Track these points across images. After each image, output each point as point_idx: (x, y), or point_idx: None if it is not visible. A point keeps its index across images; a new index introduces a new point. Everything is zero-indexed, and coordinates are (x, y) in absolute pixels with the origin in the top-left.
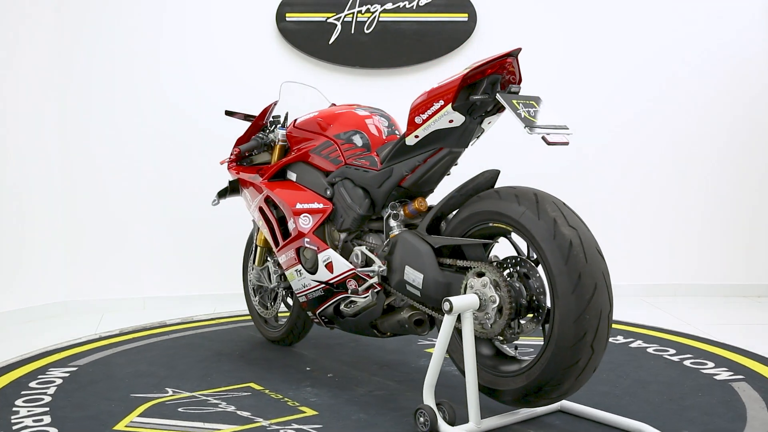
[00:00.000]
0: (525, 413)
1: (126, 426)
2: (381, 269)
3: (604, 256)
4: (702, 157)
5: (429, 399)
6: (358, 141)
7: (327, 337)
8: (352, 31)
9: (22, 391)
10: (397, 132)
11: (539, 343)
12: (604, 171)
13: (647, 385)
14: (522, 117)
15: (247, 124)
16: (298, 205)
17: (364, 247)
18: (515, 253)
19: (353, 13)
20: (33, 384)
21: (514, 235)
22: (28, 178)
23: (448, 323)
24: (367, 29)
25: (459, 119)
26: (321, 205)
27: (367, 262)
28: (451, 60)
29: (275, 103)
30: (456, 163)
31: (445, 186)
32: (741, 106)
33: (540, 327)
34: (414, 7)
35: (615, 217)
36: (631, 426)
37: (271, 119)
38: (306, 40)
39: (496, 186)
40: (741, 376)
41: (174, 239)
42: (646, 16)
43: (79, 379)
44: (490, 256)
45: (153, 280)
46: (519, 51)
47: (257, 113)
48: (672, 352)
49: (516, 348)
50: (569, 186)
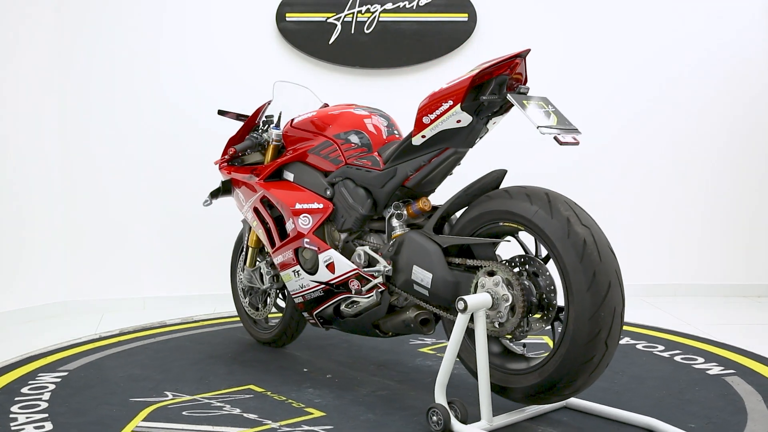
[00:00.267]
0: (533, 410)
1: (132, 431)
2: (387, 269)
3: (615, 254)
4: (702, 157)
5: (441, 398)
6: (359, 141)
7: (318, 337)
8: (352, 31)
9: (16, 398)
10: (396, 132)
11: (531, 341)
12: (604, 171)
13: (644, 380)
14: (533, 117)
15: (239, 124)
16: (298, 205)
17: (367, 247)
18: (520, 253)
19: (353, 13)
20: (25, 390)
21: (520, 234)
22: (28, 178)
23: (461, 322)
24: (367, 29)
25: (466, 119)
26: (321, 206)
27: (370, 262)
28: (451, 60)
29: (269, 102)
30: (459, 163)
31: (445, 186)
32: (741, 106)
33: (548, 325)
34: (414, 7)
35: (615, 217)
36: (638, 421)
37: (264, 119)
38: (306, 40)
39: (501, 186)
40: (732, 371)
41: (174, 239)
42: (646, 16)
43: (72, 384)
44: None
45: (153, 280)
46: (528, 52)
47: (251, 113)
48: (661, 348)
49: (524, 346)
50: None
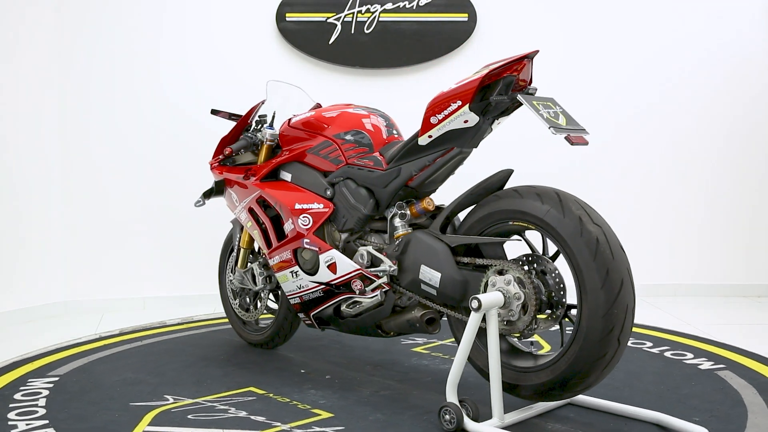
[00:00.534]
0: (540, 407)
1: None
2: (392, 269)
3: (625, 252)
4: (702, 157)
5: (452, 396)
6: (360, 141)
7: (309, 338)
8: (352, 31)
9: (10, 404)
10: (395, 132)
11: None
12: (604, 171)
13: (640, 376)
14: (545, 118)
15: (231, 123)
16: (297, 206)
17: (370, 247)
18: (525, 252)
19: (353, 13)
20: (18, 396)
21: (527, 233)
22: (27, 178)
23: (474, 321)
24: (367, 29)
25: (474, 119)
26: (321, 206)
27: (373, 262)
28: (451, 60)
29: (263, 102)
30: (462, 163)
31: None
32: (741, 106)
33: (557, 323)
34: (414, 7)
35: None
36: (645, 416)
37: (257, 118)
38: (306, 40)
39: (505, 186)
40: (722, 365)
41: (174, 239)
42: (645, 17)
43: (67, 389)
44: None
45: (153, 280)
46: (536, 53)
47: (243, 113)
48: (649, 345)
49: (532, 344)
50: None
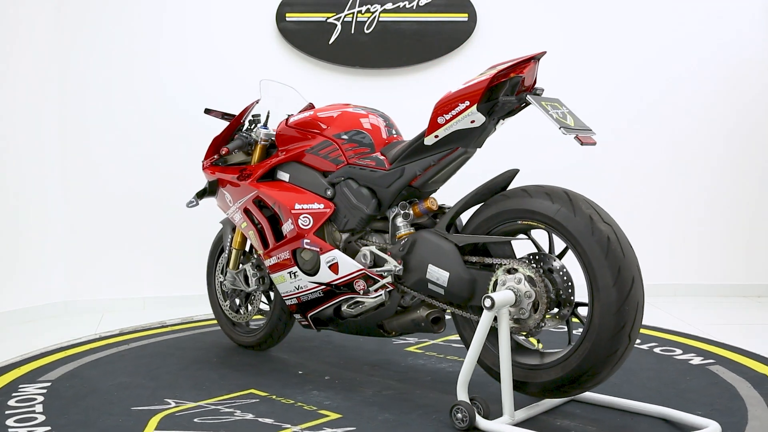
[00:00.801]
0: (547, 404)
1: None
2: (397, 269)
3: (634, 250)
4: (702, 158)
5: (463, 395)
6: (361, 141)
7: (298, 339)
8: (352, 31)
9: (6, 411)
10: (394, 132)
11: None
12: (604, 171)
13: (636, 372)
14: (555, 119)
15: (224, 123)
16: (297, 206)
17: (373, 247)
18: (524, 251)
19: (353, 13)
20: (12, 402)
21: (532, 233)
22: (27, 178)
23: (486, 320)
24: (367, 29)
25: (480, 120)
26: (322, 206)
27: (376, 262)
28: (451, 60)
29: (257, 101)
30: (464, 163)
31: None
32: (741, 106)
33: (564, 321)
34: (414, 7)
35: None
36: (651, 410)
37: (250, 118)
38: (306, 40)
39: (509, 186)
40: (712, 360)
41: (174, 239)
42: (645, 17)
43: (61, 395)
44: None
45: (153, 280)
46: (543, 54)
47: (237, 112)
48: (637, 342)
49: (538, 341)
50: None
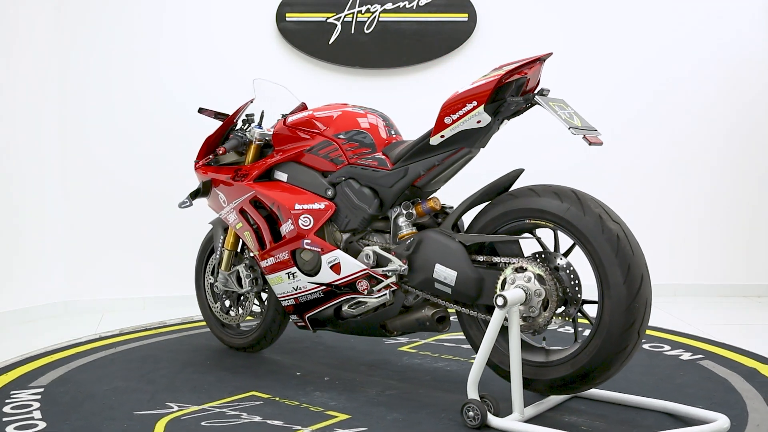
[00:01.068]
0: (553, 400)
1: None
2: (402, 268)
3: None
4: (702, 157)
5: (474, 393)
6: (362, 141)
7: (289, 341)
8: (352, 31)
9: (4, 418)
10: (394, 132)
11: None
12: (604, 171)
13: (630, 367)
14: (563, 119)
15: (217, 123)
16: (298, 206)
17: (377, 247)
18: (527, 250)
19: (353, 13)
20: (7, 409)
21: (537, 232)
22: (27, 178)
23: (498, 318)
24: (367, 29)
25: (486, 120)
26: (322, 206)
27: (379, 262)
28: (451, 60)
29: (251, 101)
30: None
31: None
32: (741, 105)
33: (571, 319)
34: (414, 7)
35: None
36: (654, 405)
37: (243, 117)
38: (306, 40)
39: (512, 186)
40: (701, 356)
41: (174, 239)
42: (645, 17)
43: (57, 400)
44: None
45: (153, 280)
46: (549, 56)
47: (232, 112)
48: None
49: (544, 339)
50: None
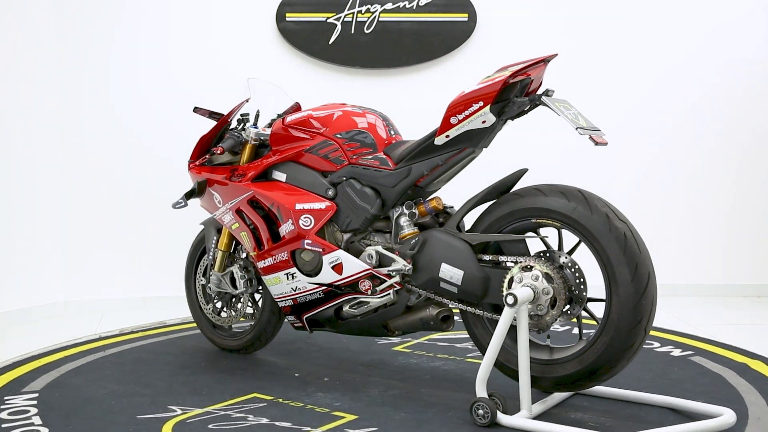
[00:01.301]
0: (557, 398)
1: None
2: (407, 268)
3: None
4: (703, 157)
5: (482, 392)
6: (363, 140)
7: (279, 342)
8: (352, 31)
9: (3, 425)
10: (393, 132)
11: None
12: (604, 171)
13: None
14: (570, 119)
15: (212, 122)
16: (298, 206)
17: (379, 247)
18: (533, 249)
19: (353, 13)
20: (4, 416)
21: (542, 231)
22: (28, 178)
23: (508, 316)
24: (367, 29)
25: (491, 120)
26: (323, 206)
27: (382, 262)
28: (451, 60)
29: (247, 100)
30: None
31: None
32: (742, 105)
33: (575, 317)
34: (414, 7)
35: None
36: (657, 400)
37: (238, 117)
38: (306, 40)
39: (515, 186)
40: (691, 352)
41: (174, 239)
42: (646, 16)
43: (54, 405)
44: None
45: (153, 280)
46: (553, 57)
47: (226, 111)
48: None
49: (548, 336)
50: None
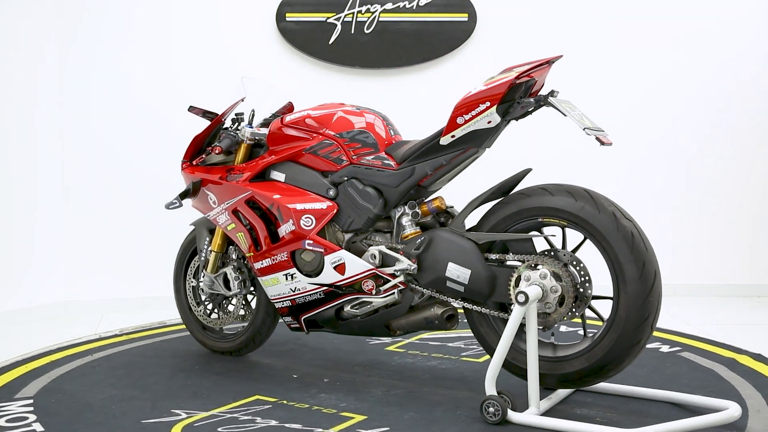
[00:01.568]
0: (561, 394)
1: None
2: (412, 267)
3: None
4: (702, 157)
5: (492, 390)
6: (365, 140)
7: (269, 344)
8: (352, 31)
9: None
10: (393, 131)
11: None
12: (604, 171)
13: None
14: (577, 120)
15: (206, 122)
16: (299, 206)
17: (383, 247)
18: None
19: (353, 13)
20: (3, 423)
21: (546, 230)
22: (27, 178)
23: (518, 314)
24: (367, 29)
25: (496, 120)
26: (325, 206)
27: (385, 262)
28: (451, 60)
29: (242, 99)
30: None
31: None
32: (742, 105)
33: (579, 314)
34: (414, 7)
35: None
36: (658, 395)
37: (233, 116)
38: (306, 40)
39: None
40: (679, 348)
41: (174, 239)
42: (646, 15)
43: (52, 411)
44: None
45: (153, 280)
46: (558, 58)
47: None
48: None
49: (553, 334)
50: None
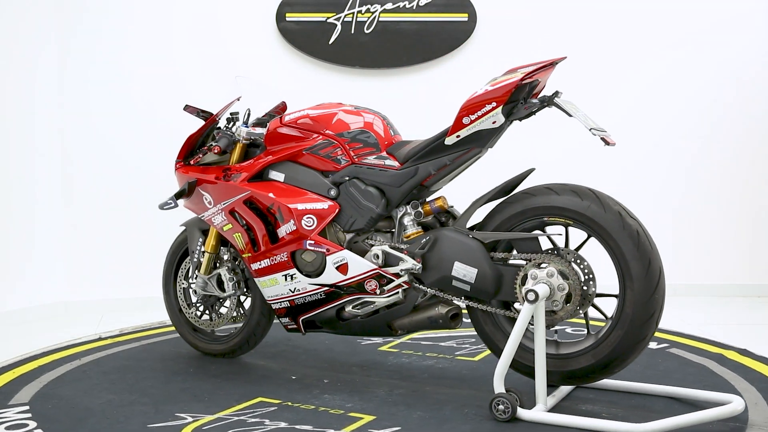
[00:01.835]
0: (564, 391)
1: None
2: (417, 267)
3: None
4: (702, 157)
5: (501, 387)
6: (366, 140)
7: (263, 346)
8: (352, 31)
9: None
10: (393, 131)
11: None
12: (604, 171)
13: None
14: (583, 120)
15: (201, 121)
16: (300, 206)
17: (386, 246)
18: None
19: (353, 13)
20: (2, 429)
21: (549, 228)
22: (27, 178)
23: (527, 312)
24: (367, 29)
25: (501, 121)
26: (326, 206)
27: (388, 261)
28: (451, 60)
29: (238, 98)
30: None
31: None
32: (742, 105)
33: (583, 312)
34: (414, 7)
35: None
36: (659, 390)
37: (227, 116)
38: (306, 40)
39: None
40: (666, 344)
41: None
42: (646, 16)
43: (53, 417)
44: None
45: (153, 280)
46: (562, 60)
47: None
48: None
49: (556, 332)
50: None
